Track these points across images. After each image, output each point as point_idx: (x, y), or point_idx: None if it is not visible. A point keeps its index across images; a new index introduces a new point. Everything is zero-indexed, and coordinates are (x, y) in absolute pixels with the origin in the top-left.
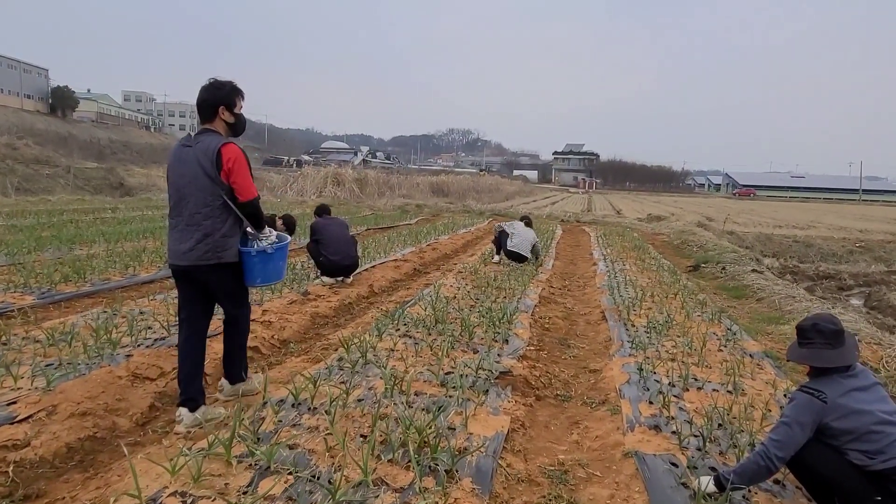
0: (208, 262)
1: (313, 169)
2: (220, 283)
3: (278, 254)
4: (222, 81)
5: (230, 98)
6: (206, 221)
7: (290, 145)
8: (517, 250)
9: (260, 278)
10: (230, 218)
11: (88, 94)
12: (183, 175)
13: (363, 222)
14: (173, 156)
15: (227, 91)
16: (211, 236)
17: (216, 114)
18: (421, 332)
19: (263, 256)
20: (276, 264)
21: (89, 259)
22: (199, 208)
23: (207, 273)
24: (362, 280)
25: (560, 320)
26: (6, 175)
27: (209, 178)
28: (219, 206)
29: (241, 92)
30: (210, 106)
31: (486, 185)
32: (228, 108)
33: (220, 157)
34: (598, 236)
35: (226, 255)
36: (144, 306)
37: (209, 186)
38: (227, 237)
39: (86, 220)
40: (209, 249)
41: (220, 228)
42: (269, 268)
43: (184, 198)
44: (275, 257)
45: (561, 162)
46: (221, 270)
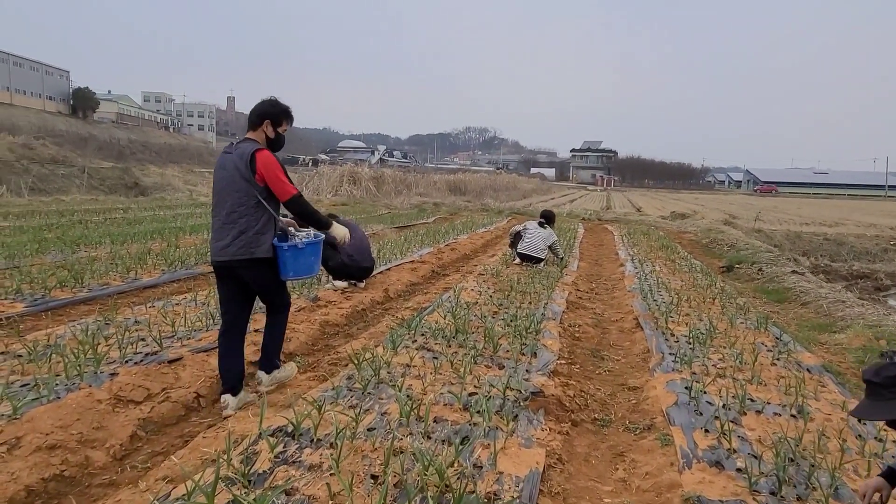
0: (243, 256)
1: (329, 168)
2: (256, 277)
3: (309, 249)
4: (279, 102)
5: (278, 117)
6: (242, 220)
7: (307, 145)
8: (527, 252)
9: (292, 272)
10: (264, 216)
11: (109, 95)
12: (222, 178)
13: (379, 221)
14: (217, 162)
15: (278, 110)
16: (245, 233)
17: (261, 125)
18: (440, 344)
19: (294, 251)
20: (308, 259)
21: (91, 262)
22: (235, 208)
23: (244, 268)
24: (377, 284)
25: (591, 328)
26: (21, 175)
27: (245, 180)
28: (253, 206)
29: (291, 118)
30: (258, 116)
31: (503, 183)
32: (273, 124)
33: (255, 162)
34: (622, 235)
35: (259, 251)
36: (141, 314)
37: (245, 188)
38: (260, 234)
39: (95, 221)
40: (244, 245)
41: (254, 226)
42: (301, 262)
43: (223, 199)
44: (306, 252)
45: (579, 159)
46: (256, 265)
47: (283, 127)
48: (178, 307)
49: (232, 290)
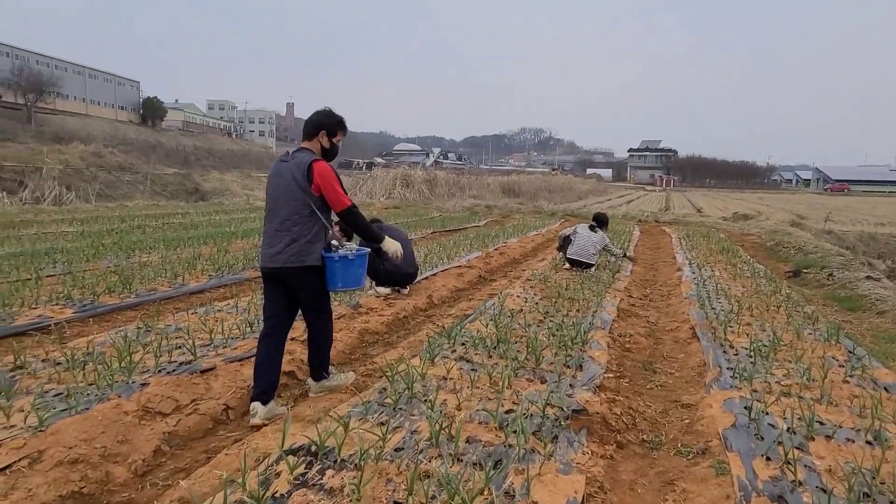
0: (294, 264)
1: (382, 171)
2: (304, 285)
3: (359, 261)
4: (333, 113)
5: (333, 128)
6: (295, 228)
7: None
8: (576, 257)
9: (341, 283)
10: (316, 226)
11: (176, 104)
12: (278, 186)
13: (430, 225)
14: (272, 170)
15: (333, 121)
16: (297, 241)
17: (317, 135)
18: (480, 355)
19: (345, 262)
20: (357, 270)
21: (141, 267)
22: (289, 216)
23: (293, 275)
24: (420, 290)
25: (643, 338)
26: (89, 182)
27: (301, 189)
28: (307, 215)
29: (345, 128)
30: (314, 126)
31: (558, 184)
32: (329, 134)
33: (312, 172)
34: (679, 237)
35: (309, 259)
36: (183, 321)
37: (301, 197)
38: (311, 243)
39: (153, 226)
40: (295, 253)
41: (306, 235)
42: (350, 273)
43: (277, 206)
44: (355, 263)
45: (636, 159)
46: (305, 273)
47: (337, 137)
48: (219, 314)
49: (278, 297)
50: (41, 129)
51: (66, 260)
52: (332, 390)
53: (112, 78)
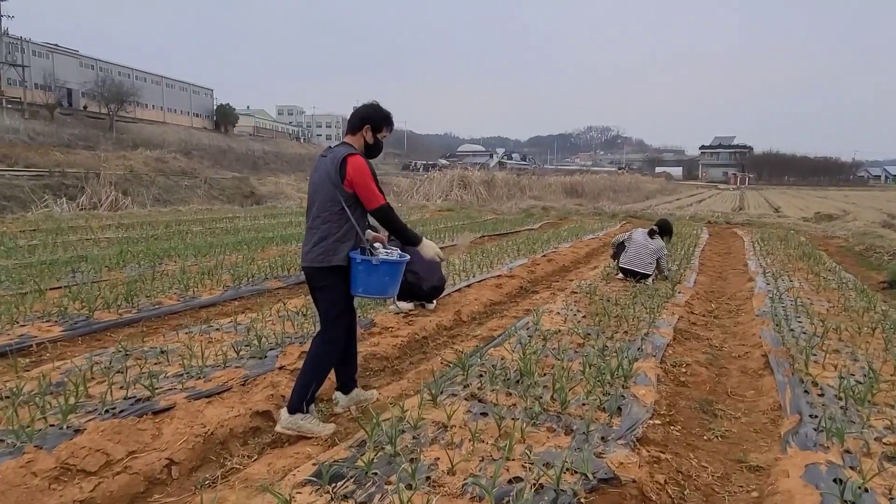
0: (321, 264)
1: (439, 172)
2: (324, 287)
3: (384, 268)
4: (381, 107)
5: (379, 122)
6: (325, 225)
7: (427, 150)
8: (630, 266)
9: (362, 288)
10: (346, 224)
11: (247, 111)
12: (314, 182)
13: (480, 228)
14: (313, 165)
15: (380, 115)
16: (326, 240)
17: (360, 129)
18: (497, 392)
19: (367, 266)
20: (381, 278)
21: (159, 277)
22: (320, 213)
23: (318, 275)
24: (449, 304)
25: (703, 368)
26: (148, 187)
27: (333, 185)
28: (337, 212)
29: (391, 124)
30: (359, 119)
31: (624, 183)
32: (374, 129)
33: (345, 166)
34: (753, 241)
35: (335, 259)
36: (173, 342)
37: (332, 193)
38: (339, 242)
39: (197, 231)
40: (322, 252)
41: (334, 233)
42: (372, 280)
43: (312, 203)
44: (380, 270)
45: (709, 156)
46: (328, 275)
47: (382, 133)
48: (216, 333)
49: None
50: (121, 137)
51: (87, 269)
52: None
53: (187, 86)
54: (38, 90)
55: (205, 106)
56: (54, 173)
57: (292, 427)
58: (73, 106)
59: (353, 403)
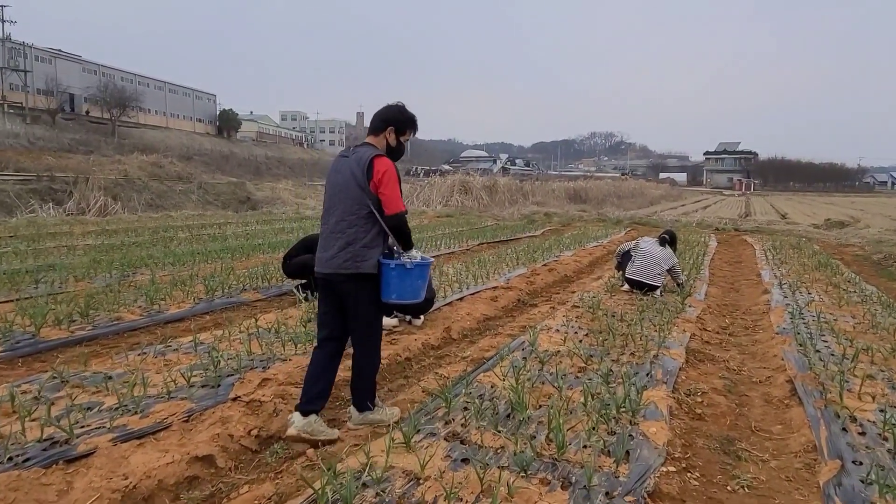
0: (347, 270)
1: (440, 177)
2: (355, 295)
3: (417, 271)
4: (406, 109)
5: (403, 125)
6: (351, 230)
7: (431, 156)
8: (637, 277)
9: (395, 294)
10: (374, 229)
11: (251, 116)
12: (336, 184)
13: (479, 235)
14: (332, 165)
15: (405, 118)
16: (352, 245)
17: (383, 130)
18: (484, 430)
19: (401, 271)
20: (414, 282)
21: (129, 288)
22: (345, 216)
23: (345, 282)
24: (439, 320)
25: (721, 396)
26: (140, 192)
27: (359, 186)
28: (364, 216)
29: (415, 127)
30: (383, 121)
31: (628, 189)
32: (397, 132)
33: (373, 168)
34: (765, 249)
35: (364, 266)
36: (122, 366)
37: (358, 195)
38: (367, 248)
39: (183, 238)
40: (349, 258)
41: (362, 238)
42: (406, 284)
43: (333, 206)
44: (413, 274)
45: (713, 162)
46: (358, 282)
47: (405, 136)
48: (174, 354)
49: (333, 305)
50: (123, 142)
51: (51, 279)
52: (374, 424)
53: (190, 92)
54: (41, 95)
55: (208, 111)
56: (42, 178)
57: (364, 423)
58: (75, 111)
59: (367, 423)
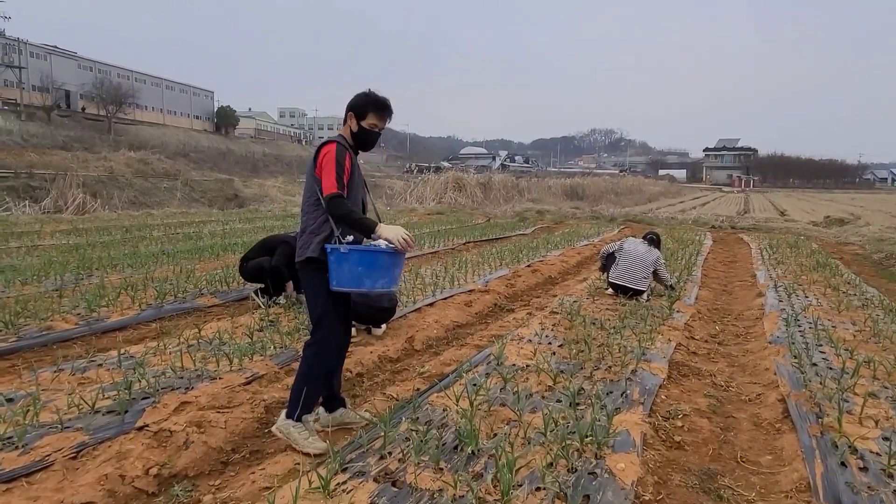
0: (299, 258)
1: (434, 174)
2: (304, 282)
3: (355, 257)
4: (369, 93)
5: (362, 109)
6: (304, 218)
7: (430, 153)
8: (620, 281)
9: (335, 281)
10: (322, 216)
11: (249, 113)
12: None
13: (468, 234)
14: None
15: (363, 102)
16: (304, 233)
17: (346, 119)
18: (423, 467)
19: (338, 256)
20: (353, 268)
21: (74, 292)
22: (302, 205)
23: (299, 271)
24: (402, 328)
25: (704, 419)
26: (123, 189)
27: (311, 175)
28: (313, 203)
29: (381, 111)
30: (346, 109)
31: (626, 186)
32: (357, 116)
33: (318, 154)
34: (761, 248)
35: (307, 252)
36: (31, 385)
37: (310, 184)
38: (314, 234)
39: (157, 237)
40: (301, 246)
41: (311, 225)
42: (344, 271)
43: None
44: (350, 259)
45: (713, 159)
46: (305, 268)
47: (368, 121)
48: (98, 370)
49: None
50: (119, 139)
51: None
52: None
53: (187, 88)
54: (35, 92)
55: (205, 108)
56: (20, 175)
57: (283, 432)
58: (71, 108)
59: (337, 424)
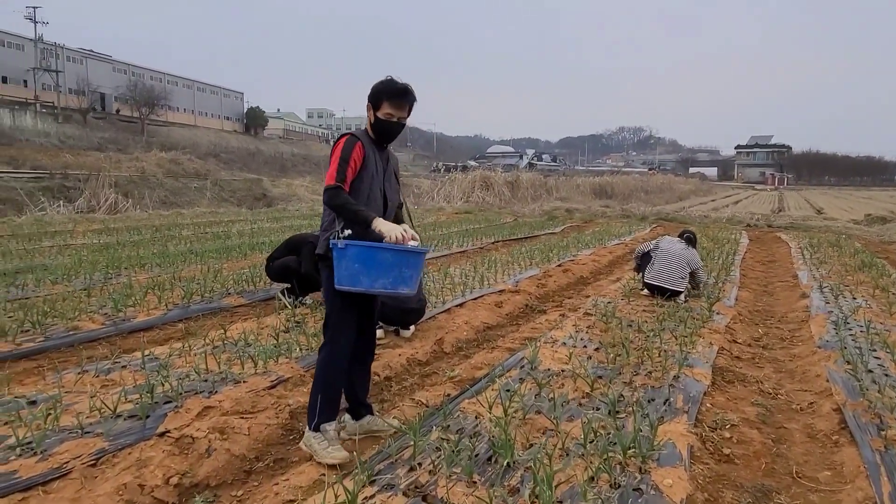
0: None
1: (461, 173)
2: (322, 280)
3: (352, 252)
4: (383, 81)
5: (376, 98)
6: (324, 214)
7: (457, 152)
8: (657, 282)
9: (336, 278)
10: (332, 213)
11: (278, 114)
12: None
13: (496, 233)
14: None
15: (377, 90)
16: (321, 231)
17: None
18: (455, 480)
19: (337, 251)
20: (350, 265)
21: (102, 292)
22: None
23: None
24: (431, 330)
25: (754, 430)
26: (154, 189)
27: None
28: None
29: (395, 97)
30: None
31: (656, 184)
32: (373, 107)
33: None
34: (801, 247)
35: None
36: (54, 387)
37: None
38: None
39: (185, 236)
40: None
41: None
42: (342, 267)
43: None
44: (347, 255)
45: (745, 156)
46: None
47: (384, 110)
48: (121, 371)
49: None
50: (151, 140)
51: (28, 282)
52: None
53: (218, 90)
54: (72, 95)
55: (235, 109)
56: (56, 175)
57: (307, 445)
58: (105, 110)
59: (364, 432)
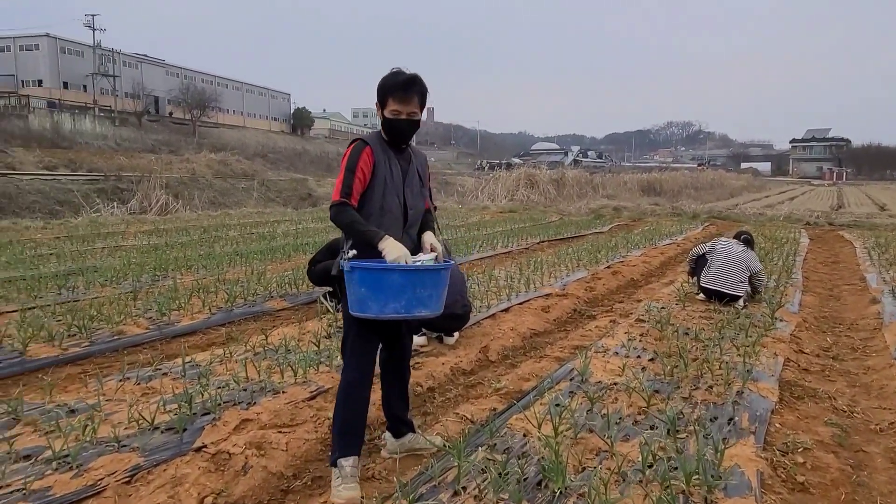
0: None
1: (505, 171)
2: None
3: (359, 276)
4: (387, 74)
5: (380, 96)
6: None
7: (500, 149)
8: (714, 286)
9: (349, 302)
10: None
11: (324, 114)
12: None
13: (541, 232)
14: None
15: (379, 87)
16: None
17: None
18: None
19: (347, 275)
20: (356, 289)
21: (147, 295)
22: None
23: None
24: (476, 337)
25: (830, 454)
26: (204, 190)
27: None
28: None
29: (397, 91)
30: None
31: (706, 180)
32: (381, 105)
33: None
34: (867, 247)
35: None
36: (94, 395)
37: None
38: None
39: (232, 237)
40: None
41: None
42: (352, 291)
43: None
44: (354, 279)
45: (800, 151)
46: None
47: (389, 108)
48: (162, 379)
49: None
50: (202, 142)
51: (78, 284)
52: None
53: (266, 91)
54: (128, 98)
55: (282, 110)
56: (110, 178)
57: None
58: (159, 113)
59: (406, 451)
